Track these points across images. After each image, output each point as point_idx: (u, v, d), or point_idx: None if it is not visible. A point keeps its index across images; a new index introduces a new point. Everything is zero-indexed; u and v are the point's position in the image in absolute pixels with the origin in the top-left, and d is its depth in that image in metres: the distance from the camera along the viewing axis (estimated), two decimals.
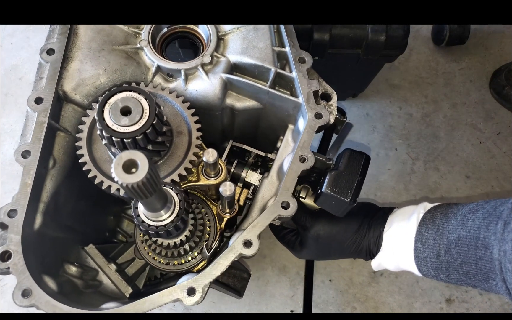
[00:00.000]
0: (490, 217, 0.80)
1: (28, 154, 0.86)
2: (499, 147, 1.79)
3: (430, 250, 0.89)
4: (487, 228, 0.79)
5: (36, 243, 0.85)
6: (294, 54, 1.00)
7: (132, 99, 0.79)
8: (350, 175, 0.95)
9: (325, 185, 0.94)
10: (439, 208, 0.94)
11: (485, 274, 0.80)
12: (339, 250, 1.05)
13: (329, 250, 1.07)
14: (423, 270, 0.92)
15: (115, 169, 0.57)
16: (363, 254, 1.04)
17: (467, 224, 0.84)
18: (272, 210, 0.86)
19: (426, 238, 0.90)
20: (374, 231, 1.01)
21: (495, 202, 0.84)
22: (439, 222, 0.90)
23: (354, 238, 1.03)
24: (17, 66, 1.93)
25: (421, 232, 0.91)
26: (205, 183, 0.96)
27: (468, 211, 0.87)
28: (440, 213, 0.92)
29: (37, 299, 0.75)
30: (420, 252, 0.91)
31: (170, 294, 0.77)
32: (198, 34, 1.09)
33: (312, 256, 1.13)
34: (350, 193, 0.93)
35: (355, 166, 0.96)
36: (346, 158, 0.97)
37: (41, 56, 0.95)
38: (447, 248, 0.86)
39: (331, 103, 1.01)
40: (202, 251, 1.00)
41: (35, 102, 0.90)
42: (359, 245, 1.02)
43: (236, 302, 1.52)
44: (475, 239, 0.81)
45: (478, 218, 0.83)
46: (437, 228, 0.89)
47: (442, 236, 0.87)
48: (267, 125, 1.12)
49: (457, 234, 0.85)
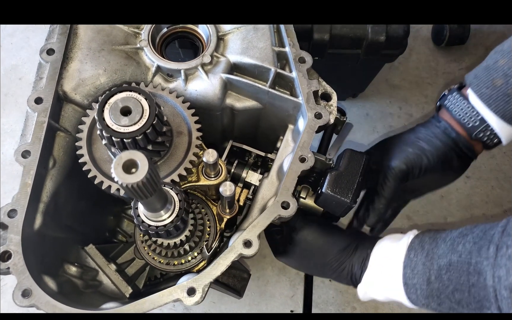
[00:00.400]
0: (481, 241, 0.76)
1: (28, 154, 0.86)
2: (499, 147, 1.78)
3: (419, 276, 0.84)
4: (479, 252, 0.75)
5: (36, 243, 0.85)
6: (294, 54, 1.00)
7: (132, 99, 0.80)
8: (350, 175, 0.94)
9: (326, 185, 0.94)
10: (427, 233, 0.89)
11: (479, 302, 0.75)
12: (321, 263, 1.00)
13: (310, 261, 1.02)
14: (412, 298, 0.86)
15: (115, 169, 0.57)
16: (344, 275, 0.98)
17: (458, 248, 0.79)
18: (272, 210, 0.86)
19: (415, 264, 0.85)
20: (361, 252, 0.96)
21: (483, 226, 0.79)
22: (428, 247, 0.85)
23: (339, 256, 0.98)
24: (17, 66, 1.93)
25: (409, 257, 0.86)
26: (205, 183, 0.96)
27: (457, 235, 0.82)
28: (429, 238, 0.86)
29: (37, 299, 0.75)
30: (409, 279, 0.85)
31: (170, 294, 0.77)
32: (198, 34, 1.09)
33: (291, 261, 1.06)
34: (350, 193, 0.93)
35: (355, 166, 0.95)
36: (346, 159, 0.97)
37: (41, 56, 0.95)
38: (437, 274, 0.81)
39: (331, 103, 1.01)
40: (202, 251, 1.00)
41: (35, 102, 0.90)
42: (342, 263, 0.97)
43: (236, 302, 1.52)
44: (467, 264, 0.76)
45: (468, 242, 0.78)
46: (426, 252, 0.84)
47: (432, 261, 0.82)
48: (267, 125, 1.12)
49: (447, 258, 0.80)
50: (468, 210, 1.70)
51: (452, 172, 1.09)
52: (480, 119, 0.96)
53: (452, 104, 1.00)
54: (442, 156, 1.02)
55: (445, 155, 1.02)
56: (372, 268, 0.94)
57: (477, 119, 0.96)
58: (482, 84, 0.94)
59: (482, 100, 0.94)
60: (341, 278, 1.00)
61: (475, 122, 0.97)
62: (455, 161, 1.04)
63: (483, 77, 0.94)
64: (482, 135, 0.98)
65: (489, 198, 1.72)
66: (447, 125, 1.01)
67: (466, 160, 1.06)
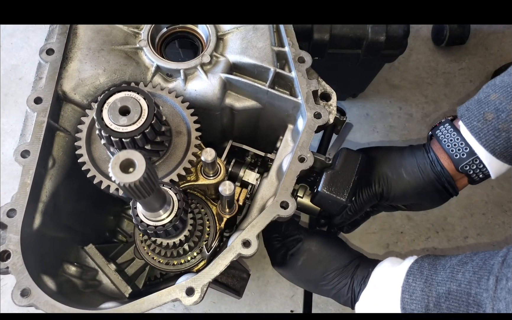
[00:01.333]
0: (481, 271, 0.76)
1: (28, 154, 0.86)
2: None
3: (418, 302, 0.82)
4: (478, 283, 0.75)
5: (35, 242, 0.85)
6: (294, 54, 1.00)
7: (131, 99, 0.80)
8: (346, 174, 0.94)
9: (321, 184, 0.93)
10: (426, 258, 0.89)
11: None
12: (321, 277, 1.00)
13: (310, 273, 1.01)
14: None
15: (112, 168, 0.57)
16: (344, 292, 0.98)
17: (457, 277, 0.79)
18: (271, 209, 0.86)
19: (413, 289, 0.84)
20: (362, 270, 0.96)
21: (483, 254, 0.79)
22: (427, 273, 0.84)
23: (341, 270, 0.98)
24: (17, 66, 1.93)
25: (408, 282, 0.85)
26: (204, 183, 0.95)
27: (457, 263, 0.81)
28: (428, 264, 0.86)
29: (36, 298, 0.75)
30: (407, 304, 0.84)
31: (169, 294, 0.77)
32: (197, 34, 1.09)
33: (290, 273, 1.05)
34: (346, 192, 0.93)
35: (351, 165, 0.95)
36: (342, 158, 0.97)
37: (41, 56, 0.95)
38: (436, 302, 0.80)
39: (330, 103, 1.01)
40: (202, 250, 1.00)
41: (35, 102, 0.90)
42: (343, 278, 0.97)
43: (236, 302, 1.52)
44: (467, 295, 0.76)
45: (468, 271, 0.78)
46: (425, 279, 0.83)
47: (430, 288, 0.82)
48: (266, 125, 1.12)
49: (446, 287, 0.79)
50: (468, 210, 1.69)
51: (428, 204, 1.10)
52: (468, 152, 0.96)
53: (443, 134, 1.00)
54: (420, 189, 1.03)
55: (424, 189, 1.03)
56: (371, 288, 0.93)
57: (465, 152, 0.96)
58: (473, 118, 0.94)
59: (473, 134, 0.94)
60: (339, 295, 0.99)
61: (463, 155, 0.96)
62: (434, 195, 1.05)
63: (474, 110, 0.94)
64: (469, 168, 0.97)
65: (489, 198, 1.71)
66: (434, 157, 1.01)
67: (446, 195, 1.06)
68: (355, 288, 0.96)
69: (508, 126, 0.89)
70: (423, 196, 1.05)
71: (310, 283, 1.04)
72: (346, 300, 0.99)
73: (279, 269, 1.07)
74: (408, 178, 1.03)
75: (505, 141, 0.90)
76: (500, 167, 0.95)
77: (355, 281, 0.96)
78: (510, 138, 0.89)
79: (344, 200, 0.92)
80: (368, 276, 0.94)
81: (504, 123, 0.89)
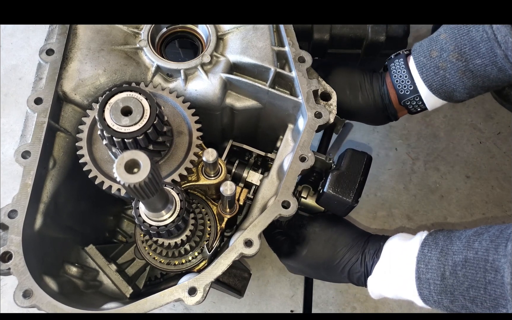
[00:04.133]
0: (498, 239, 0.76)
1: (28, 155, 0.86)
2: (499, 147, 1.78)
3: (434, 271, 0.83)
4: (496, 250, 0.75)
5: (37, 243, 0.85)
6: (294, 53, 1.01)
7: (133, 99, 0.79)
8: (352, 175, 0.94)
9: (327, 185, 0.94)
10: (440, 231, 0.90)
11: (494, 300, 0.75)
12: (331, 257, 0.99)
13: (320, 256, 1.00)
14: (424, 294, 0.85)
15: (117, 168, 0.57)
16: (357, 268, 0.97)
17: (474, 245, 0.80)
18: (272, 209, 0.86)
19: (429, 258, 0.84)
20: (374, 243, 0.96)
21: (499, 226, 0.80)
22: (443, 244, 0.85)
23: (350, 245, 0.97)
24: (17, 66, 1.92)
25: (423, 252, 0.86)
26: (205, 183, 0.96)
27: (472, 234, 0.82)
28: (443, 236, 0.87)
29: (38, 299, 0.75)
30: (422, 273, 0.85)
31: (171, 294, 0.77)
32: (197, 34, 1.09)
33: (298, 263, 1.04)
34: (352, 193, 0.93)
35: (357, 165, 0.96)
36: (348, 158, 0.97)
37: (40, 56, 0.95)
38: (452, 270, 0.81)
39: (330, 102, 1.01)
40: (203, 250, 1.00)
41: (35, 103, 0.90)
42: (353, 254, 0.97)
43: (236, 302, 1.52)
44: (484, 261, 0.76)
45: (485, 240, 0.79)
46: (440, 248, 0.84)
47: (446, 257, 0.82)
48: (267, 125, 1.12)
49: (463, 255, 0.80)
50: (468, 210, 1.70)
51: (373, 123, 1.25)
52: (412, 90, 1.04)
53: (395, 69, 1.08)
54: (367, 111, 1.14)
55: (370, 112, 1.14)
56: (384, 260, 0.93)
57: (409, 89, 1.05)
58: (422, 53, 1.01)
59: (417, 68, 1.02)
60: (352, 272, 0.98)
61: (407, 92, 1.05)
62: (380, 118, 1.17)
63: (424, 47, 1.02)
64: (409, 103, 1.08)
65: (489, 198, 1.72)
66: (385, 92, 1.10)
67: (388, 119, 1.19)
68: (368, 262, 0.96)
69: (446, 65, 0.96)
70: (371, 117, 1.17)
71: (321, 267, 1.02)
72: (359, 276, 0.98)
73: (288, 261, 1.07)
74: (362, 102, 1.12)
75: (441, 78, 0.98)
76: (436, 101, 1.05)
77: (367, 255, 0.96)
78: (446, 77, 0.97)
79: (350, 200, 0.93)
80: (380, 250, 0.94)
81: (444, 62, 0.97)
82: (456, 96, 1.01)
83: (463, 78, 0.96)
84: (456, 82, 0.97)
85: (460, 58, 0.94)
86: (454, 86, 0.98)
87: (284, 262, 1.09)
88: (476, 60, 0.92)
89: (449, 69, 0.96)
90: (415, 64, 1.02)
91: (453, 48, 0.95)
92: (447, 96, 1.01)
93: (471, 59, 0.93)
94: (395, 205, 1.69)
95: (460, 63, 0.95)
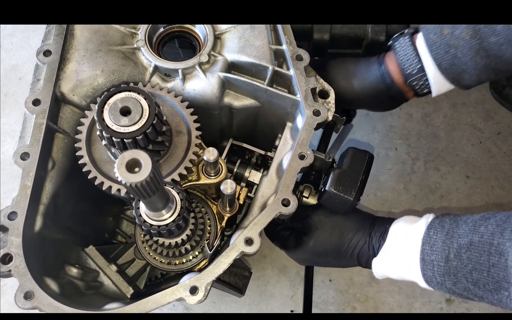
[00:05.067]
0: (504, 224, 0.77)
1: (27, 156, 0.85)
2: (499, 147, 1.79)
3: (438, 253, 0.84)
4: (502, 234, 0.76)
5: (37, 245, 0.85)
6: (291, 52, 1.00)
7: (132, 99, 0.79)
8: (353, 173, 0.95)
9: (329, 183, 0.94)
10: (447, 215, 0.90)
11: (497, 283, 0.76)
12: (339, 242, 0.99)
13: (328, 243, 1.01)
14: (428, 275, 0.86)
15: (119, 168, 0.57)
16: (365, 251, 0.98)
17: (480, 229, 0.80)
18: (272, 207, 0.86)
19: (434, 241, 0.85)
20: (379, 226, 0.97)
21: (506, 212, 0.80)
22: (449, 227, 0.85)
23: (356, 229, 0.98)
24: (17, 66, 1.92)
25: (429, 234, 0.87)
26: (205, 182, 0.95)
27: (479, 218, 0.83)
28: (449, 219, 0.87)
29: (39, 301, 0.75)
30: (427, 255, 0.86)
31: (173, 293, 0.77)
32: (195, 33, 1.09)
33: (307, 251, 1.05)
34: (354, 191, 0.93)
35: (358, 164, 0.96)
36: (349, 157, 0.97)
37: (38, 57, 0.95)
38: (457, 252, 0.81)
39: (329, 100, 1.01)
40: (204, 250, 1.00)
41: (33, 104, 0.89)
42: (360, 237, 0.98)
43: (236, 302, 1.52)
44: (489, 245, 0.77)
45: (491, 224, 0.79)
46: (446, 231, 0.85)
47: (452, 239, 0.83)
48: (265, 123, 1.12)
49: (468, 238, 0.81)
50: (468, 210, 1.70)
51: (381, 108, 1.18)
52: (418, 68, 1.00)
53: (400, 47, 1.03)
54: (370, 98, 1.09)
55: (374, 98, 1.09)
56: (390, 242, 0.94)
57: (416, 67, 1.00)
58: (431, 30, 0.97)
59: (427, 45, 0.97)
60: (361, 255, 0.99)
61: (413, 70, 1.00)
62: (385, 101, 1.11)
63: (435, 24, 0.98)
64: (416, 83, 1.02)
65: (489, 198, 1.72)
66: (385, 72, 1.05)
67: (396, 101, 1.12)
68: (374, 244, 0.96)
69: (458, 43, 0.93)
70: (374, 102, 1.12)
71: (330, 254, 1.03)
72: (367, 259, 0.99)
73: (295, 254, 1.07)
74: (359, 89, 1.08)
75: (452, 57, 0.94)
76: (443, 84, 1.00)
77: (373, 238, 0.97)
78: (457, 55, 0.94)
79: (352, 198, 0.93)
80: (386, 232, 0.95)
81: (456, 40, 0.93)
82: (464, 79, 0.97)
83: (476, 57, 0.92)
84: (468, 62, 0.93)
85: (475, 35, 0.90)
86: (465, 67, 0.94)
87: (292, 256, 1.09)
88: (491, 38, 0.88)
89: (461, 48, 0.93)
90: (424, 41, 0.98)
91: (466, 25, 0.91)
92: (455, 78, 0.98)
93: (486, 37, 0.89)
94: (395, 205, 1.70)
95: (474, 40, 0.91)
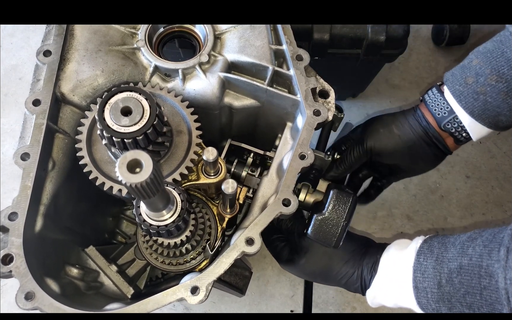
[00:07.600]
0: (491, 244, 0.77)
1: (27, 156, 0.85)
2: (499, 147, 1.79)
3: (430, 279, 0.84)
4: (489, 255, 0.76)
5: (37, 245, 0.85)
6: (292, 52, 1.00)
7: (133, 100, 0.79)
8: (335, 219, 0.95)
9: (310, 229, 0.95)
10: (435, 237, 0.91)
11: (490, 306, 0.76)
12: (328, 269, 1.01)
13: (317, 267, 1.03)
14: (423, 303, 0.87)
15: (120, 168, 0.57)
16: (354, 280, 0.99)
17: (468, 251, 0.80)
18: (273, 207, 0.86)
19: (425, 267, 0.86)
20: (371, 257, 0.98)
21: (492, 230, 0.81)
22: (438, 251, 0.86)
23: (346, 260, 0.99)
24: (17, 66, 1.92)
25: (419, 261, 0.87)
26: (205, 182, 0.95)
27: (466, 239, 0.83)
28: (438, 243, 0.88)
29: (40, 301, 0.75)
30: (419, 282, 0.86)
31: (174, 293, 0.77)
32: (195, 33, 1.09)
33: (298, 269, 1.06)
34: (334, 238, 0.95)
35: (341, 209, 0.96)
36: (332, 202, 0.97)
37: (38, 58, 0.94)
38: (448, 277, 0.82)
39: (329, 100, 1.01)
40: (205, 250, 1.00)
41: (33, 104, 0.89)
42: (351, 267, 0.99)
43: (236, 302, 1.52)
44: (478, 267, 0.77)
45: (478, 245, 0.79)
46: (436, 257, 0.85)
47: (442, 264, 0.83)
48: (265, 123, 1.12)
49: (458, 262, 0.81)
50: (468, 210, 1.70)
51: (422, 161, 1.16)
52: (449, 111, 1.03)
53: (429, 97, 1.08)
54: (410, 142, 1.11)
55: (413, 142, 1.11)
56: (382, 273, 0.94)
57: (446, 110, 1.04)
58: (456, 82, 1.01)
59: (454, 96, 1.01)
60: (350, 284, 1.00)
61: (444, 113, 1.04)
62: (425, 150, 1.11)
63: (457, 75, 1.02)
64: (450, 126, 1.05)
65: (489, 198, 1.72)
66: (420, 114, 1.09)
67: (437, 152, 1.12)
68: (366, 276, 0.97)
69: (485, 89, 0.95)
70: (415, 152, 1.12)
71: (318, 277, 1.06)
72: (356, 288, 1.00)
73: (286, 268, 1.08)
74: (398, 132, 1.11)
75: (482, 103, 0.97)
76: (480, 129, 1.02)
77: (364, 270, 0.98)
78: (487, 100, 0.96)
79: (332, 245, 0.94)
80: (377, 262, 0.96)
81: (482, 87, 0.95)
82: (501, 121, 0.98)
83: (507, 99, 0.94)
84: (500, 105, 0.95)
85: (500, 79, 0.93)
86: (498, 109, 0.96)
87: (282, 267, 1.10)
88: None
89: (489, 93, 0.95)
90: (451, 94, 1.01)
91: (489, 71, 0.94)
92: (491, 122, 0.99)
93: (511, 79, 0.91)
94: (395, 205, 1.70)
95: (501, 84, 0.93)
